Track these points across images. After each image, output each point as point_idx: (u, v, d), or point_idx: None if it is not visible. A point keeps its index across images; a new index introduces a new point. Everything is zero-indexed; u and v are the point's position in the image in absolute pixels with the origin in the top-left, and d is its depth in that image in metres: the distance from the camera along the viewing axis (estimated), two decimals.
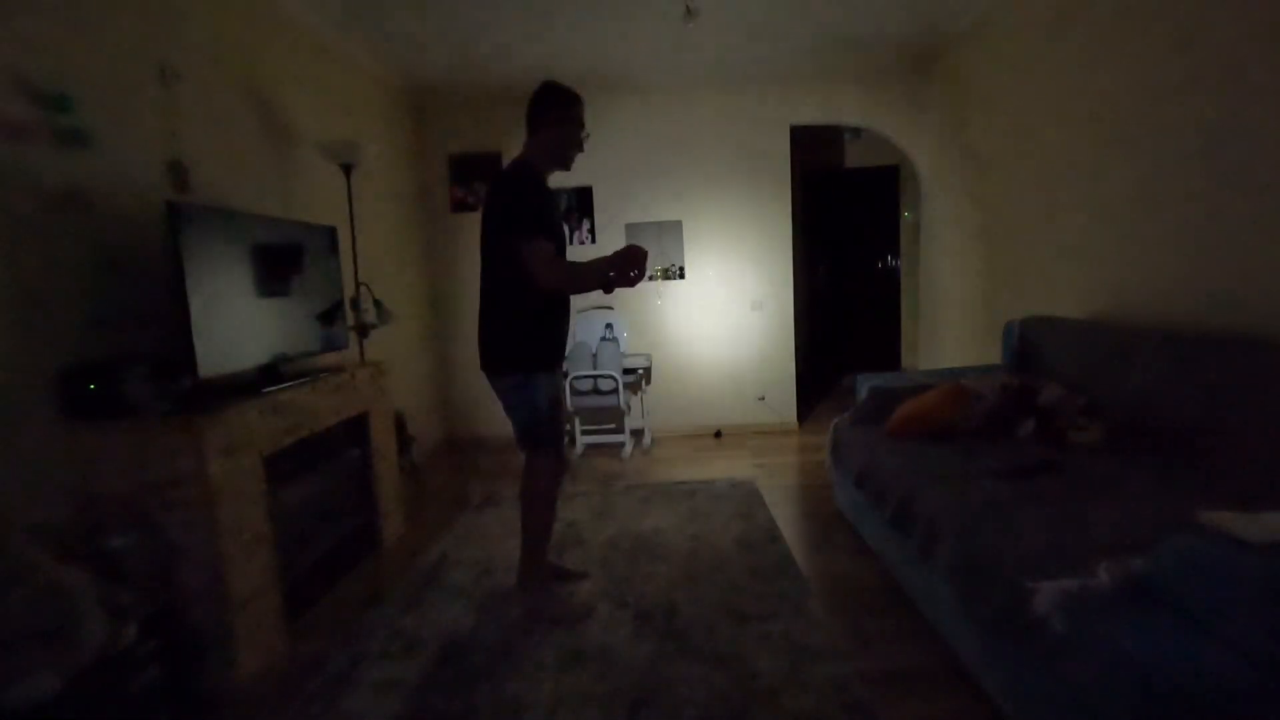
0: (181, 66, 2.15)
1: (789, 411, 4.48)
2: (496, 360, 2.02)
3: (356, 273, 2.99)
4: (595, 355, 3.91)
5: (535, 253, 1.86)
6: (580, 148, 2.05)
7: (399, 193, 4.00)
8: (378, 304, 2.99)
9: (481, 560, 2.51)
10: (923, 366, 4.44)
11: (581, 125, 2.03)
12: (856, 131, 5.22)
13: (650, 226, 4.35)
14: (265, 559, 1.93)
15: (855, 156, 5.54)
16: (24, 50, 1.64)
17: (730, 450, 4.02)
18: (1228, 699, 0.94)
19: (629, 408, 4.03)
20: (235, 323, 1.99)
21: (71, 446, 1.67)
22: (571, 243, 4.14)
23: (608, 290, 2.17)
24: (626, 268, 1.82)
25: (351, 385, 2.51)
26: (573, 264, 2.05)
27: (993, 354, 3.02)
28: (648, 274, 2.28)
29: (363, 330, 2.91)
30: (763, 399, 4.47)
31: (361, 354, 2.92)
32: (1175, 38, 2.09)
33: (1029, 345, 2.64)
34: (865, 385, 2.79)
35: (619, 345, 3.96)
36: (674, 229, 4.35)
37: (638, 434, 4.25)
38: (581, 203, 4.32)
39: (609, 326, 4.05)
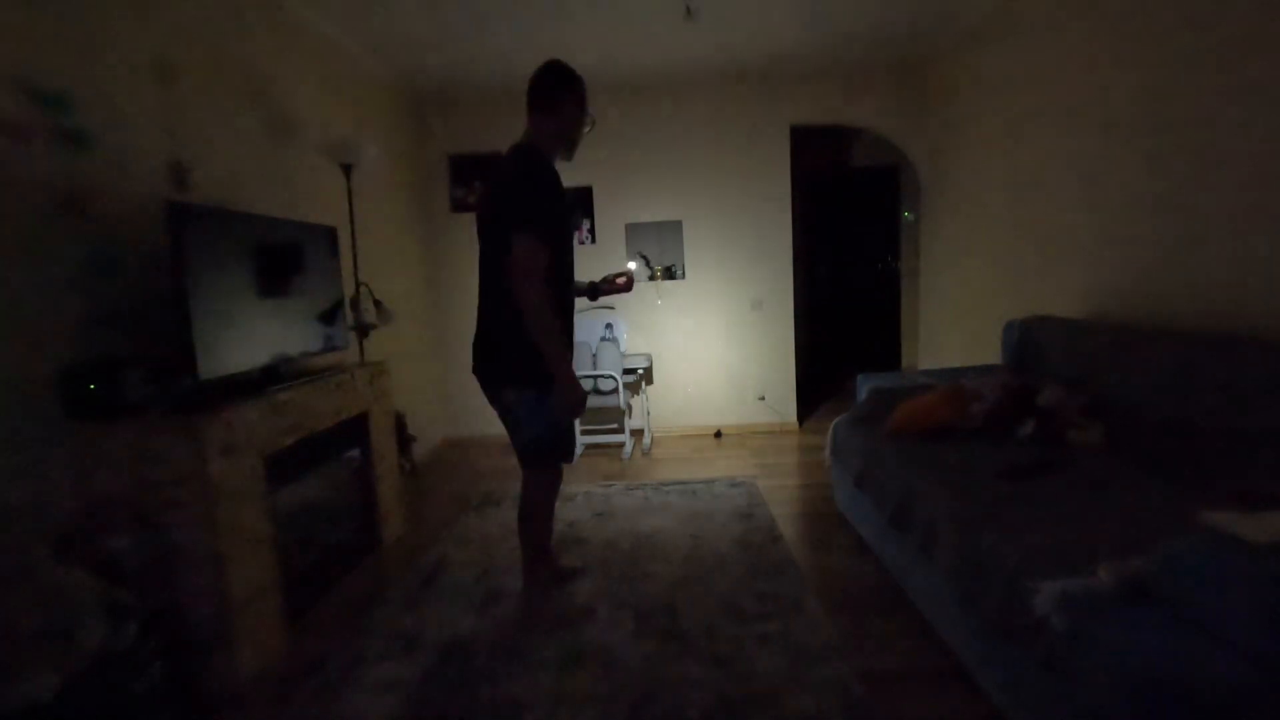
0: (182, 66, 2.16)
1: (789, 411, 4.48)
2: (505, 371, 1.82)
3: (356, 273, 2.99)
4: (595, 355, 3.91)
5: (529, 253, 1.68)
6: (580, 135, 1.93)
7: (399, 193, 4.00)
8: (378, 304, 3.00)
9: (481, 560, 2.51)
10: (923, 366, 4.44)
11: (586, 110, 1.91)
12: (856, 131, 5.22)
13: (650, 226, 4.35)
14: (265, 559, 1.93)
15: (855, 156, 5.54)
16: (24, 50, 1.64)
17: (730, 450, 4.02)
18: (1228, 699, 0.93)
19: (629, 408, 4.03)
20: (235, 322, 1.99)
21: (72, 446, 1.67)
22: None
23: (593, 298, 2.17)
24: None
25: (351, 385, 2.51)
26: (550, 317, 1.71)
27: (993, 354, 3.02)
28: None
29: (363, 330, 2.91)
30: (763, 399, 4.47)
31: (361, 354, 2.91)
32: (1176, 36, 2.09)
33: (1029, 345, 2.64)
34: (865, 385, 2.79)
35: (619, 345, 3.96)
36: (674, 229, 4.35)
37: (638, 434, 4.26)
38: (581, 203, 4.32)
39: (609, 326, 4.05)
